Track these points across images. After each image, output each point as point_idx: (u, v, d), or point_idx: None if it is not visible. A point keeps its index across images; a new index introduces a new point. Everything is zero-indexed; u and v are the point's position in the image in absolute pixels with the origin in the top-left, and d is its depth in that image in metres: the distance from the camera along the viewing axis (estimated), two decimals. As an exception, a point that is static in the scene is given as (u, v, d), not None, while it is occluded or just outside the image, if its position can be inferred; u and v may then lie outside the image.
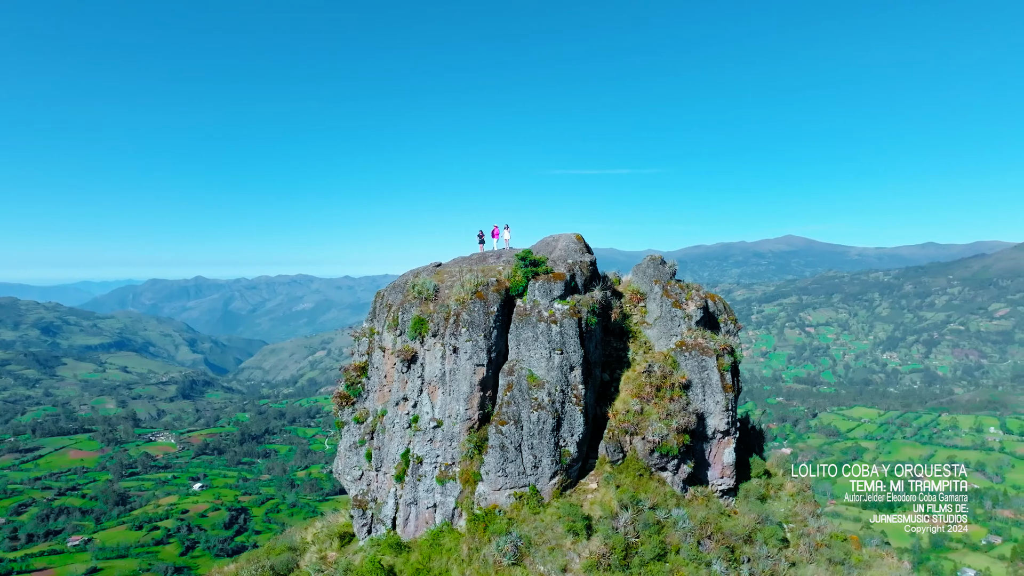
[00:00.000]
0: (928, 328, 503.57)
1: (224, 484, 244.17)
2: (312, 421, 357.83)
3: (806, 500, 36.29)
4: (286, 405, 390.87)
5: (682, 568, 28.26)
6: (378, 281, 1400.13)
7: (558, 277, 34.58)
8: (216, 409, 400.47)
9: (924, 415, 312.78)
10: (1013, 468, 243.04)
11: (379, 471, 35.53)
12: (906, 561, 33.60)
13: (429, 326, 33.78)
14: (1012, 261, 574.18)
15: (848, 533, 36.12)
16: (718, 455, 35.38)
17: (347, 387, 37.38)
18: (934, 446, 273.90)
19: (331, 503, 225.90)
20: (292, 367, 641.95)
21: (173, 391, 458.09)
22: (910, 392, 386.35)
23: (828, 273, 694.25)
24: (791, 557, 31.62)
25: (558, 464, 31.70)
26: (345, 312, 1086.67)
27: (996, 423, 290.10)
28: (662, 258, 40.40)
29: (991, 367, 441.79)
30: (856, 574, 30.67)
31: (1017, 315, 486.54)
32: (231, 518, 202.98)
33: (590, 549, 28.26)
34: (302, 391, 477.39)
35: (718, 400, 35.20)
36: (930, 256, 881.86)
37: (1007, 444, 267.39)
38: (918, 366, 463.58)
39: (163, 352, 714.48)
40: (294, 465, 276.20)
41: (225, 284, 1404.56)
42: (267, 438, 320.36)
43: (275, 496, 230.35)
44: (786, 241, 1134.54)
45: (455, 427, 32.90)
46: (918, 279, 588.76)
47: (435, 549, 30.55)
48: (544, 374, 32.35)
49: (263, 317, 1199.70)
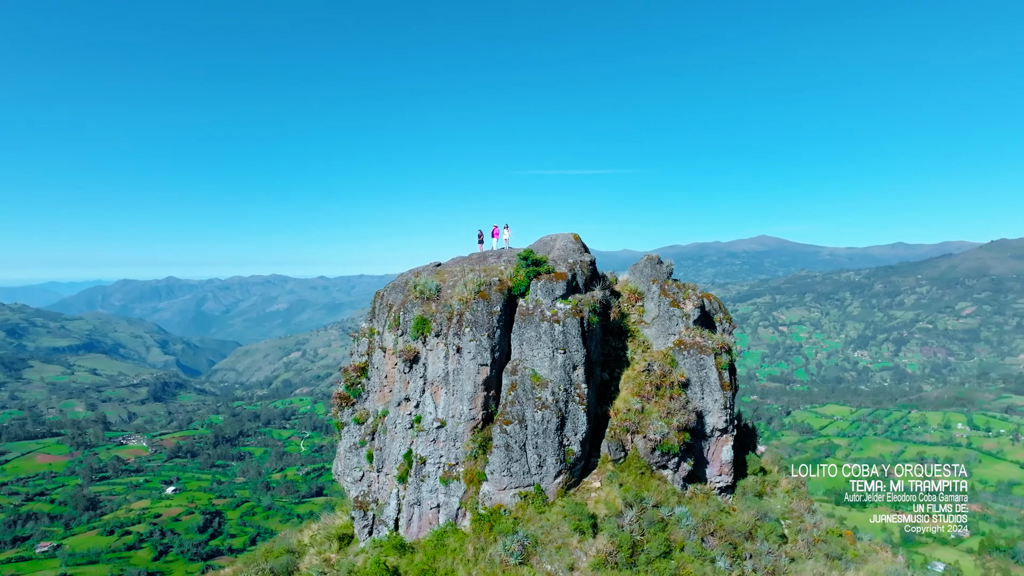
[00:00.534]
0: (897, 327, 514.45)
1: (198, 487, 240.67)
2: (287, 423, 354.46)
3: (801, 496, 36.87)
4: (260, 407, 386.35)
5: (688, 565, 28.50)
6: (353, 282, 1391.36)
7: (560, 277, 34.67)
8: (189, 411, 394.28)
9: (894, 412, 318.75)
10: (980, 463, 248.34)
11: (380, 472, 35.25)
12: (900, 555, 34.33)
13: (432, 326, 33.59)
14: (978, 261, 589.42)
15: (843, 528, 36.62)
16: (716, 453, 35.77)
17: (346, 388, 37.00)
18: (904, 442, 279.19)
19: (307, 505, 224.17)
20: (266, 368, 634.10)
21: (144, 393, 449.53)
22: (881, 389, 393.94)
23: (801, 273, 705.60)
24: (790, 553, 32.08)
25: (562, 463, 31.78)
26: (320, 313, 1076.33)
27: (963, 419, 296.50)
28: (659, 258, 40.73)
29: (958, 364, 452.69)
30: (853, 569, 31.22)
31: (983, 314, 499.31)
32: (205, 522, 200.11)
33: (596, 547, 28.37)
34: (277, 393, 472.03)
35: (716, 398, 35.57)
36: (899, 256, 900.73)
37: (974, 440, 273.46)
38: (888, 364, 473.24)
39: (134, 354, 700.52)
40: (269, 467, 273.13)
41: (197, 284, 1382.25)
42: (241, 440, 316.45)
43: (250, 499, 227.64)
44: (760, 241, 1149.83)
45: (459, 427, 32.78)
46: (888, 279, 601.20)
47: (440, 549, 30.38)
48: (547, 373, 32.41)
49: (236, 318, 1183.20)
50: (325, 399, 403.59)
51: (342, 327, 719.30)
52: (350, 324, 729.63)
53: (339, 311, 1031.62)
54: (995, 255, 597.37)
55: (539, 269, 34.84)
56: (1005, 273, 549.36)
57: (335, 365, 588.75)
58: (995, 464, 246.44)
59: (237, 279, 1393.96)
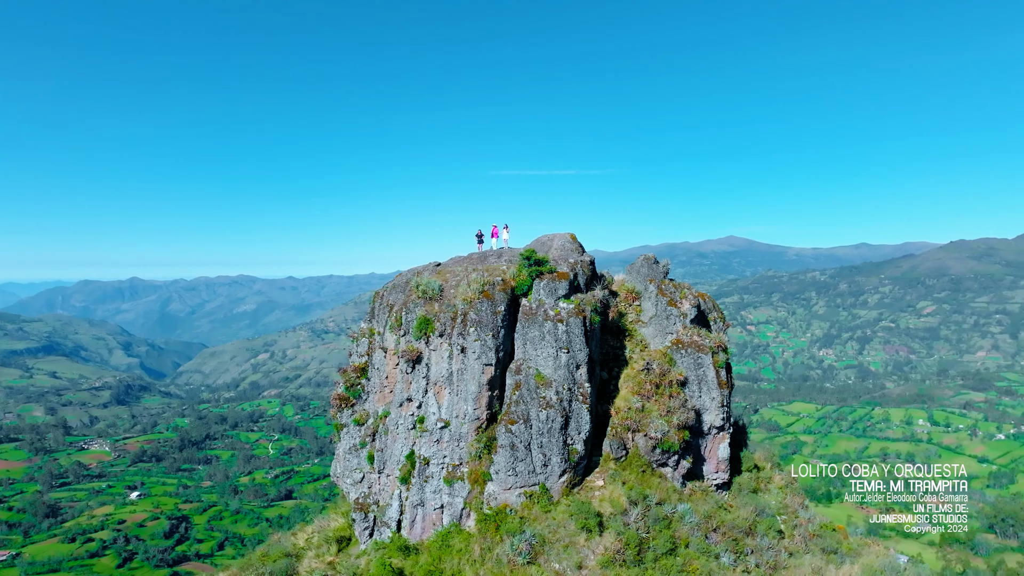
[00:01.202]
0: (861, 325, 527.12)
1: (163, 492, 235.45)
2: (255, 425, 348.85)
3: (795, 492, 37.49)
4: (228, 409, 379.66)
5: (694, 561, 28.82)
6: (323, 282, 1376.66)
7: (562, 276, 34.78)
8: (153, 415, 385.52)
9: (859, 409, 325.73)
10: (940, 458, 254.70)
11: (382, 473, 34.91)
12: (892, 548, 35.13)
13: (435, 326, 33.38)
14: (937, 261, 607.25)
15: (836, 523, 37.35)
16: (713, 450, 36.22)
17: (346, 389, 36.55)
18: (868, 439, 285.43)
19: (276, 509, 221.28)
20: (234, 370, 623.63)
21: (107, 397, 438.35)
22: (845, 387, 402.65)
23: (768, 273, 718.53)
24: (788, 547, 32.64)
25: (567, 462, 31.89)
26: (289, 314, 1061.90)
27: (924, 415, 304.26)
28: (655, 257, 41.11)
29: (919, 362, 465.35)
30: (849, 562, 31.86)
31: (942, 313, 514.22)
32: (171, 527, 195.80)
33: (604, 545, 28.54)
34: (244, 395, 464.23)
35: (714, 396, 35.99)
36: (863, 256, 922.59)
37: (934, 435, 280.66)
38: (852, 362, 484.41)
39: (96, 356, 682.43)
40: (237, 471, 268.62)
41: (162, 285, 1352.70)
42: (208, 444, 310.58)
43: (218, 503, 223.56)
44: (728, 242, 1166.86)
45: (463, 427, 32.65)
46: (852, 278, 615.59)
47: (445, 550, 30.24)
48: (551, 373, 32.46)
49: (203, 319, 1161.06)
50: (294, 401, 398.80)
51: (311, 328, 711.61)
52: (319, 325, 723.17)
53: (308, 312, 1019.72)
54: (954, 256, 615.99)
55: (541, 269, 34.92)
56: (963, 273, 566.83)
57: (304, 367, 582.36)
58: (954, 459, 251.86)
59: (203, 280, 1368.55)
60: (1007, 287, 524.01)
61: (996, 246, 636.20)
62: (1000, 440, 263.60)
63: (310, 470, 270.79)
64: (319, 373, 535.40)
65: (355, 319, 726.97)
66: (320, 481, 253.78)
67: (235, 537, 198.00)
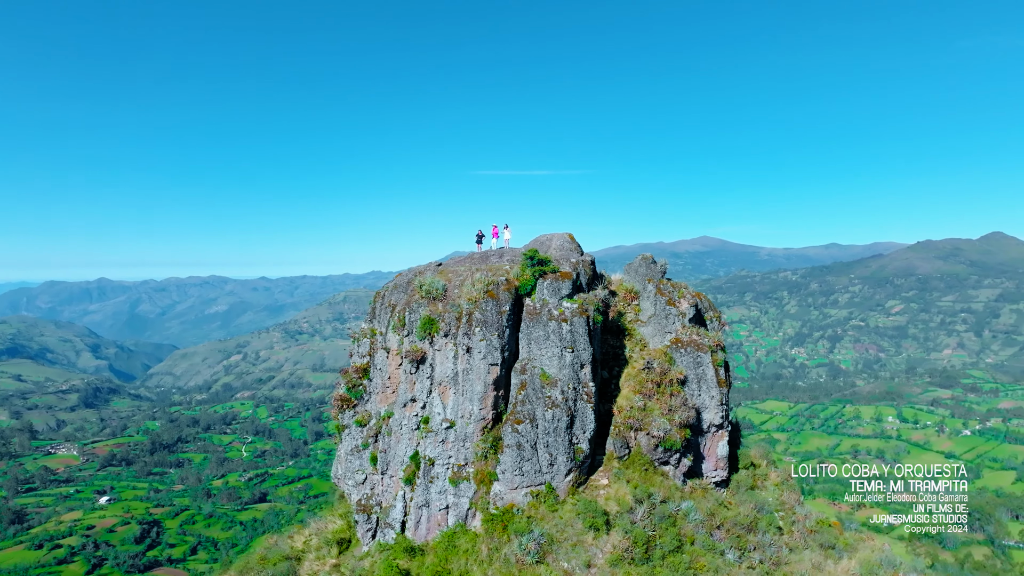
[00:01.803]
0: (832, 324, 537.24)
1: (134, 496, 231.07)
2: (228, 428, 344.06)
3: (791, 489, 38.07)
4: (200, 412, 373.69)
5: (700, 558, 29.11)
6: (296, 283, 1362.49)
7: (565, 276, 34.89)
8: (123, 418, 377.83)
9: (830, 406, 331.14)
10: (909, 454, 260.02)
11: (385, 474, 34.63)
12: (886, 543, 35.81)
13: (440, 326, 33.24)
14: (905, 261, 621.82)
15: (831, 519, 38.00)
16: (712, 448, 36.59)
17: (347, 390, 36.16)
18: (839, 436, 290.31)
19: (250, 512, 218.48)
20: (205, 372, 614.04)
21: (74, 400, 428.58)
22: (817, 385, 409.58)
23: (741, 273, 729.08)
24: (788, 543, 33.12)
25: (572, 461, 31.98)
26: (262, 315, 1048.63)
27: (893, 412, 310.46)
28: (653, 257, 41.39)
29: (888, 360, 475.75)
30: (847, 557, 32.43)
31: (910, 312, 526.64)
32: (142, 532, 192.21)
33: (612, 544, 28.69)
34: (216, 397, 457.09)
35: (713, 395, 36.34)
36: (833, 256, 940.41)
37: (903, 432, 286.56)
38: (823, 360, 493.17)
39: (62, 359, 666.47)
40: (210, 474, 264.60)
41: (132, 286, 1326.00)
42: (180, 447, 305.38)
43: (190, 507, 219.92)
44: (701, 242, 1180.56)
45: (468, 427, 32.55)
46: (823, 278, 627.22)
47: (451, 551, 30.12)
48: (556, 372, 32.52)
49: (173, 320, 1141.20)
50: (268, 403, 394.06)
51: (285, 329, 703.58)
52: (293, 326, 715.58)
53: (281, 313, 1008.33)
54: (921, 255, 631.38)
55: (545, 269, 34.95)
56: (930, 273, 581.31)
57: (278, 368, 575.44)
58: (922, 455, 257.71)
59: (174, 280, 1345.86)
60: (971, 286, 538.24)
61: (961, 246, 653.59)
62: (966, 436, 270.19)
63: (285, 472, 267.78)
64: (293, 374, 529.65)
65: (329, 320, 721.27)
66: (295, 484, 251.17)
67: (208, 541, 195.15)
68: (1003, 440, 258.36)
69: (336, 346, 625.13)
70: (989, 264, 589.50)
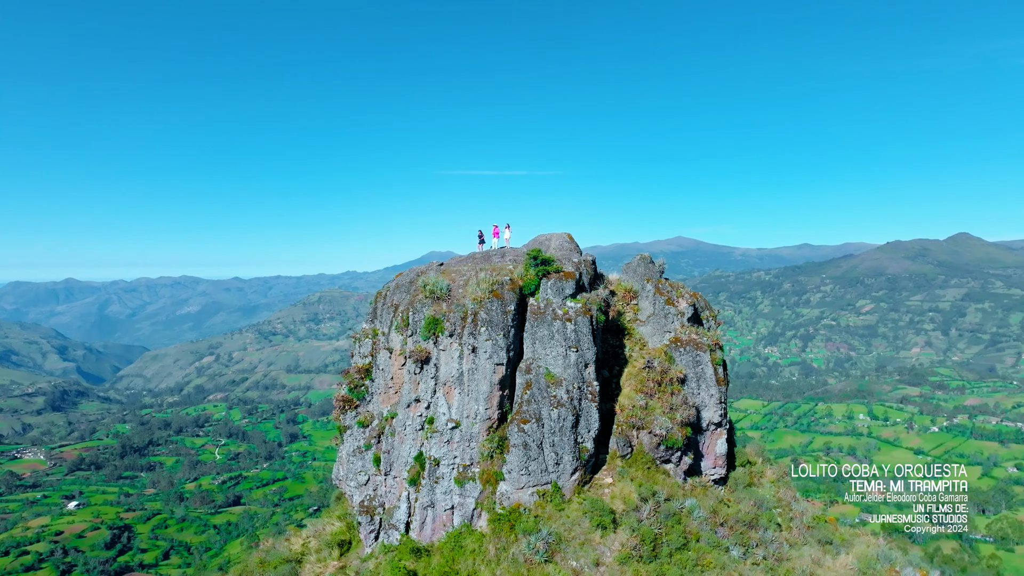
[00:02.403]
0: (804, 323, 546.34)
1: (103, 501, 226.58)
2: (201, 430, 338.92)
3: (786, 485, 38.58)
4: (171, 414, 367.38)
5: (707, 555, 29.35)
6: (270, 283, 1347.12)
7: (569, 276, 34.97)
8: (92, 421, 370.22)
9: (803, 404, 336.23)
10: (879, 451, 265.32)
11: (388, 475, 34.32)
12: (880, 537, 36.43)
13: (445, 326, 33.07)
14: (875, 261, 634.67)
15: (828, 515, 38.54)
16: (711, 446, 36.91)
17: (350, 390, 35.71)
18: (812, 433, 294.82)
19: (224, 515, 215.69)
20: (177, 374, 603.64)
21: (41, 403, 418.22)
22: (790, 383, 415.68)
23: (715, 273, 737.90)
24: (788, 540, 33.53)
25: (578, 460, 32.07)
26: (235, 315, 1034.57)
27: (864, 410, 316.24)
28: (650, 257, 41.61)
29: (858, 358, 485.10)
30: (845, 552, 32.94)
31: (880, 311, 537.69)
32: (113, 537, 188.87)
33: (619, 542, 28.82)
34: (189, 399, 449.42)
35: (712, 393, 36.68)
36: (805, 256, 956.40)
37: (874, 429, 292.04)
38: (796, 359, 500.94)
39: (28, 361, 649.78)
40: (182, 477, 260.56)
41: (100, 287, 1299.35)
42: (151, 450, 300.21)
43: (162, 511, 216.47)
44: (677, 242, 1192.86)
45: (474, 427, 32.44)
46: (795, 278, 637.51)
47: (458, 551, 30.00)
48: (561, 372, 32.57)
49: (144, 321, 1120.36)
50: (241, 405, 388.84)
51: (258, 330, 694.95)
52: (267, 327, 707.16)
53: (255, 313, 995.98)
54: (890, 256, 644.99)
55: (548, 268, 34.99)
56: (899, 273, 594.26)
57: (251, 369, 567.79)
58: (892, 451, 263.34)
59: (144, 280, 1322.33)
60: (939, 286, 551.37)
61: (929, 247, 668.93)
62: (934, 432, 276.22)
63: (259, 475, 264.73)
64: (267, 376, 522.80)
65: (304, 321, 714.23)
66: (270, 486, 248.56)
67: (181, 546, 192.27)
68: (969, 436, 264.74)
69: (311, 347, 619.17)
70: (956, 264, 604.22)
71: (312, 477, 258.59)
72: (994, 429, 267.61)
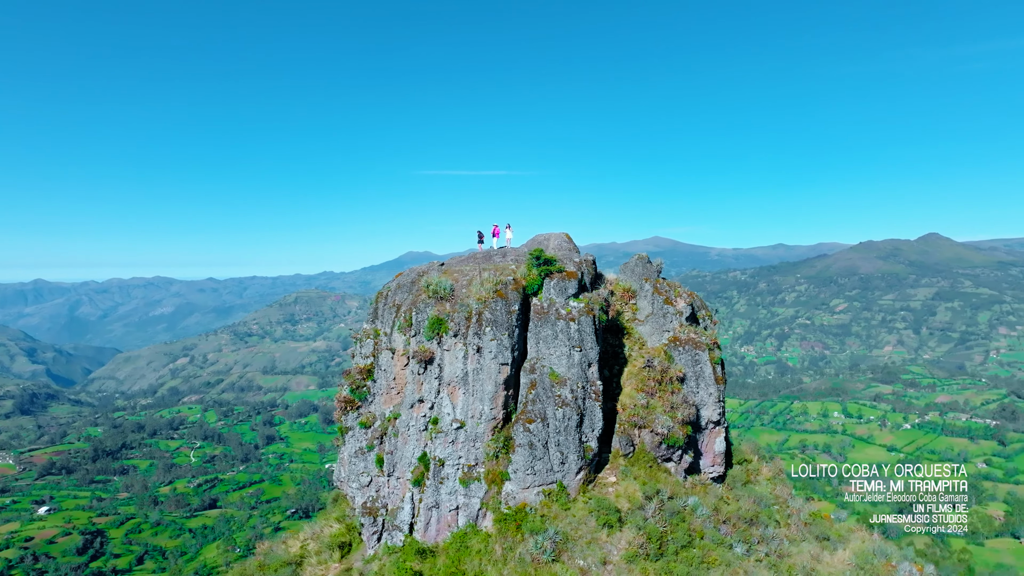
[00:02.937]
0: (780, 323, 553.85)
1: (75, 506, 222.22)
2: (175, 433, 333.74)
3: (782, 483, 39.00)
4: (145, 417, 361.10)
5: (712, 552, 29.57)
6: (245, 283, 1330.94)
7: (571, 276, 35.07)
8: (63, 424, 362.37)
9: (779, 403, 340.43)
10: (854, 448, 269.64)
11: (391, 476, 34.06)
12: (875, 533, 36.99)
13: (449, 326, 32.91)
14: (848, 261, 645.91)
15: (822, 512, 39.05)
16: (710, 444, 37.20)
17: (351, 391, 35.34)
18: (788, 431, 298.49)
19: (200, 519, 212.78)
20: (150, 376, 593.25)
21: (9, 406, 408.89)
22: (766, 382, 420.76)
23: (692, 272, 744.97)
24: (787, 536, 33.89)
25: (583, 459, 32.17)
26: (209, 316, 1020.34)
27: (838, 408, 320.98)
28: (648, 257, 41.81)
29: (832, 357, 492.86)
30: (842, 547, 33.41)
31: (853, 310, 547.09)
32: (85, 542, 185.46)
33: (626, 540, 28.93)
34: (162, 401, 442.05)
35: (711, 392, 36.96)
36: (780, 256, 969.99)
37: (848, 426, 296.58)
38: (772, 358, 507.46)
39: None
40: (156, 481, 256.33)
41: (71, 287, 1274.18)
42: (124, 453, 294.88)
43: (136, 515, 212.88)
44: (654, 242, 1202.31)
45: (479, 427, 32.39)
46: (771, 278, 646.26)
47: (464, 551, 29.90)
48: (565, 371, 32.63)
49: (116, 323, 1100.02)
50: (216, 407, 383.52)
51: (234, 331, 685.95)
52: (243, 328, 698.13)
53: (230, 314, 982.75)
54: (863, 256, 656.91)
55: (551, 268, 35.06)
56: (872, 272, 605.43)
57: (227, 371, 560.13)
58: (866, 448, 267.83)
59: (116, 281, 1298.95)
60: (910, 285, 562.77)
61: (900, 247, 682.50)
62: (907, 429, 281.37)
63: (235, 478, 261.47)
64: (243, 377, 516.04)
65: (280, 321, 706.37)
66: (246, 489, 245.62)
67: (156, 550, 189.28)
68: (940, 433, 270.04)
69: (287, 348, 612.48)
70: (926, 264, 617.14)
71: (290, 479, 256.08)
72: (964, 426, 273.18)
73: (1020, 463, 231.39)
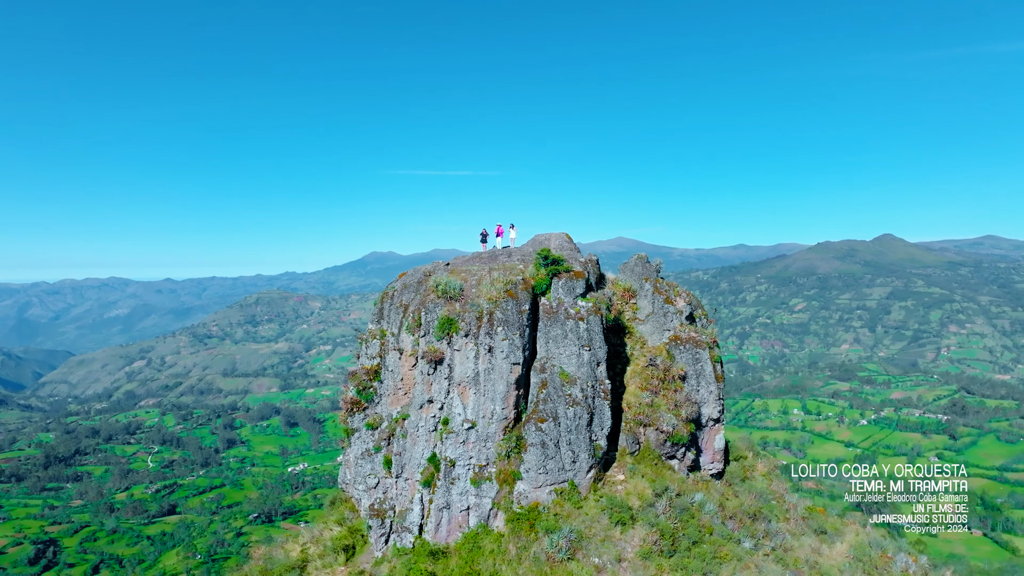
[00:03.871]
0: (741, 322, 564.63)
1: (26, 515, 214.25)
2: (132, 438, 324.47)
3: (778, 478, 39.88)
4: (100, 421, 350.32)
5: (723, 548, 30.02)
6: (204, 284, 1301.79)
7: (579, 276, 35.34)
8: (12, 430, 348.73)
9: (740, 400, 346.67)
10: (813, 444, 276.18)
11: (399, 477, 33.70)
12: (869, 526, 38.02)
13: (460, 326, 32.76)
14: (807, 261, 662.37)
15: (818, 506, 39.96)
16: (710, 441, 37.80)
17: (358, 392, 34.82)
18: (750, 428, 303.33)
19: (159, 525, 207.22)
20: (105, 379, 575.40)
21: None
22: (728, 380, 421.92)
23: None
24: (788, 530, 34.59)
25: (593, 458, 32.40)
26: (167, 318, 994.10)
27: (798, 405, 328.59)
28: (647, 257, 42.20)
29: (792, 355, 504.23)
30: (840, 541, 34.27)
31: (811, 309, 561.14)
32: (37, 552, 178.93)
33: (639, 537, 29.22)
34: (118, 405, 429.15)
35: (712, 390, 37.54)
36: (741, 256, 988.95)
37: (807, 423, 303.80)
38: (734, 357, 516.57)
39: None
40: (112, 487, 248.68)
41: (20, 288, 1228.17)
42: (78, 459, 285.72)
43: (91, 523, 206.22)
44: (618, 243, 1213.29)
45: (491, 427, 32.32)
46: (732, 278, 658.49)
47: (476, 552, 29.79)
48: (575, 370, 32.80)
49: (68, 325, 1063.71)
50: (175, 410, 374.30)
51: (193, 333, 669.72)
52: (202, 329, 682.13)
53: (189, 316, 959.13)
54: (821, 256, 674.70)
55: (559, 268, 35.24)
56: (829, 272, 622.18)
57: (186, 374, 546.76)
58: (825, 444, 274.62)
59: (68, 282, 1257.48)
60: (866, 285, 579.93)
61: (856, 247, 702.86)
62: (863, 425, 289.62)
63: (195, 483, 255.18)
64: (202, 380, 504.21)
65: (241, 323, 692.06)
66: (207, 494, 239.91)
67: (112, 559, 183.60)
68: (895, 428, 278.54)
69: (248, 350, 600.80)
70: (881, 264, 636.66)
71: (251, 483, 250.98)
72: (917, 421, 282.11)
73: (970, 456, 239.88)
